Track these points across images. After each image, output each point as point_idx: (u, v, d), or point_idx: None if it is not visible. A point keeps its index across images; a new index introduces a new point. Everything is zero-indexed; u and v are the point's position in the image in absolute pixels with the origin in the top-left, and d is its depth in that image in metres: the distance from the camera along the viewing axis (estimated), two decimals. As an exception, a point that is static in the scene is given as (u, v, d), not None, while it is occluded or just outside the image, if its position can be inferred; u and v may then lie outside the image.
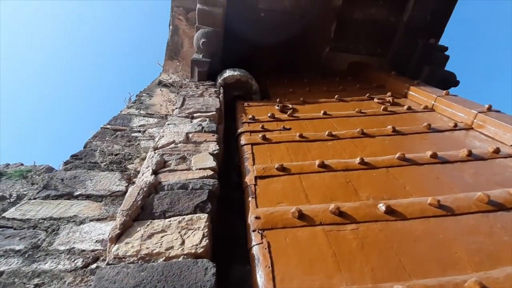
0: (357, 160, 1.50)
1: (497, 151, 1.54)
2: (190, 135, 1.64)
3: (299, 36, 3.87)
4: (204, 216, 1.02)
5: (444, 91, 2.24)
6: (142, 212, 1.04)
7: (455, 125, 1.90)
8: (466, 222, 1.09)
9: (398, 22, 4.07)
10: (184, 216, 1.02)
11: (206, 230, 0.96)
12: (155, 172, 1.28)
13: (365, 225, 1.09)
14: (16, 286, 0.98)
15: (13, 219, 1.29)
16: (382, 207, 1.14)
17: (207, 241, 0.92)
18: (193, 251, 0.87)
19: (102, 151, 1.85)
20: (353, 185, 1.34)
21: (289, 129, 2.00)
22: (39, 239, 1.20)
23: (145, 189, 1.12)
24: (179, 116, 1.93)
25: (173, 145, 1.52)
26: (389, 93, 2.59)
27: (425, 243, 1.00)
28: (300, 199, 1.25)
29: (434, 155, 1.51)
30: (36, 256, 1.11)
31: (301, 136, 1.83)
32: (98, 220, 1.34)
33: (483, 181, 1.34)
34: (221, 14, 3.08)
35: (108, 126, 2.34)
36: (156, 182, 1.21)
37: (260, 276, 0.90)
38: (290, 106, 2.40)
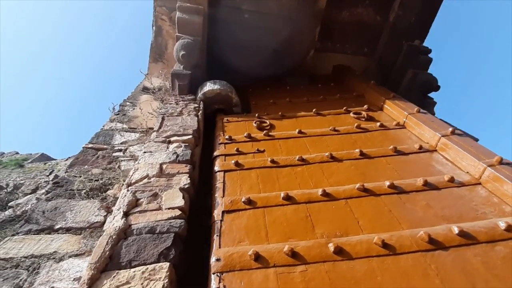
0: (320, 191, 1.60)
1: (451, 180, 1.65)
2: (164, 167, 1.73)
3: (284, 40, 3.84)
4: (166, 265, 1.12)
5: (416, 108, 2.31)
6: (110, 262, 1.15)
7: (420, 147, 1.99)
8: (405, 262, 1.21)
9: (384, 22, 4.04)
10: (148, 266, 1.12)
11: (167, 280, 1.07)
12: (126, 214, 1.37)
13: (314, 266, 1.21)
14: (-1, 331, 1.10)
15: (-3, 258, 1.40)
16: (331, 247, 1.26)
17: (166, 292, 1.03)
18: (152, 304, 0.99)
19: (81, 180, 1.93)
20: (312, 221, 1.45)
21: (263, 151, 2.08)
22: (21, 279, 1.31)
23: (114, 237, 1.22)
24: (155, 142, 2.00)
25: (146, 179, 1.61)
26: (365, 106, 2.65)
27: (364, 286, 1.12)
28: (261, 238, 1.36)
29: (391, 186, 1.62)
30: (18, 298, 1.23)
31: (272, 161, 1.91)
32: (76, 255, 1.45)
33: (431, 216, 1.45)
34: (201, 23, 3.05)
35: (90, 146, 2.41)
36: (126, 225, 1.31)
37: (213, 322, 1.02)
38: (268, 122, 2.47)
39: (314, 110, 2.64)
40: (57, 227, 1.60)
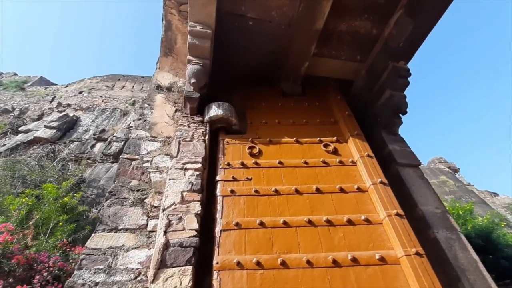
0: (281, 220, 2.59)
1: (365, 219, 2.62)
2: (184, 195, 2.66)
3: (283, 49, 4.26)
4: (190, 268, 2.18)
5: (366, 153, 3.12)
6: (161, 263, 2.20)
7: (358, 188, 2.90)
8: (316, 273, 2.29)
9: (379, 34, 4.36)
10: (181, 267, 2.18)
11: (191, 276, 2.14)
12: (165, 233, 2.38)
13: (268, 271, 2.28)
14: (109, 290, 2.23)
15: (92, 248, 2.46)
16: (279, 260, 2.32)
17: (191, 282, 2.11)
18: (185, 288, 2.08)
19: (126, 190, 2.87)
20: (273, 241, 2.48)
21: (251, 179, 2.98)
22: (109, 262, 2.40)
23: (161, 249, 2.25)
24: (176, 169, 2.88)
25: (173, 206, 2.56)
26: (335, 138, 3.43)
27: (292, 283, 2.22)
28: (241, 250, 2.41)
29: (326, 220, 2.60)
30: (111, 272, 2.33)
31: (255, 191, 2.84)
32: (135, 248, 2.51)
33: (342, 244, 2.48)
34: (209, 47, 3.49)
35: (126, 156, 3.27)
36: (166, 240, 2.33)
37: (214, 296, 2.14)
38: (257, 148, 3.28)
39: (295, 138, 3.42)
40: (120, 227, 2.63)
